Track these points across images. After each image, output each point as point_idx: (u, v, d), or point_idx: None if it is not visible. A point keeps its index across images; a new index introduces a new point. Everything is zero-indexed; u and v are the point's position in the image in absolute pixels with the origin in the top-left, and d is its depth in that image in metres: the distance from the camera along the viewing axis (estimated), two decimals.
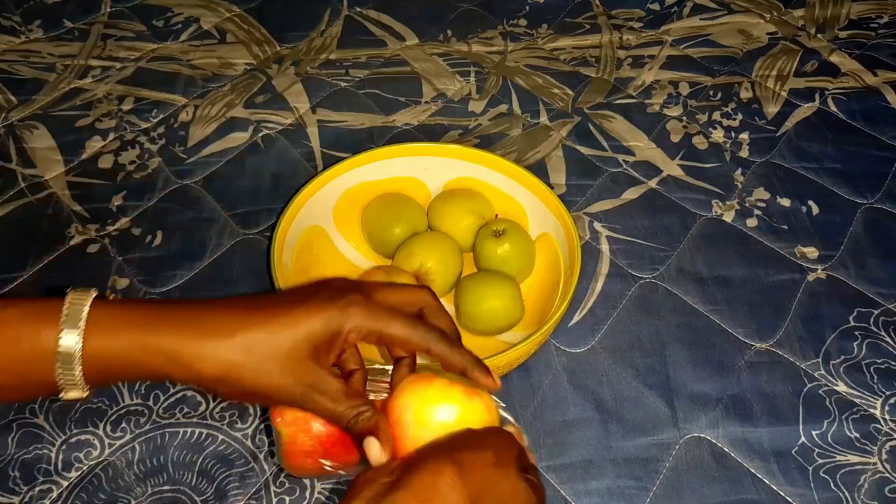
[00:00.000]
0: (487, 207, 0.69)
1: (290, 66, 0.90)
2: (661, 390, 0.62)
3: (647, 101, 0.87)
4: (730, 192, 0.77)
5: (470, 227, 0.67)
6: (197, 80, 0.87)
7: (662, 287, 0.69)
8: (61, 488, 0.55)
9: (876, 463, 0.58)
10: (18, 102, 0.83)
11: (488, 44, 0.95)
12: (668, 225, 0.74)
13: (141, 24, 0.95)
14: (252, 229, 0.72)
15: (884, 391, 0.62)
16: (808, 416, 0.60)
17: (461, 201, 0.69)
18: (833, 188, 0.78)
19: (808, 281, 0.70)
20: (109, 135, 0.80)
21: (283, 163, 0.78)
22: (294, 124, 0.83)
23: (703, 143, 0.83)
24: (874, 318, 0.67)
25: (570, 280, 0.60)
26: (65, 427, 0.58)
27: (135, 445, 0.57)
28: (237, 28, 0.95)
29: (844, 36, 0.97)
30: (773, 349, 0.65)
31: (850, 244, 0.73)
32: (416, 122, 0.84)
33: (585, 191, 0.77)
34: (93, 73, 0.88)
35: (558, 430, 0.59)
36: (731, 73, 0.91)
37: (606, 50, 0.94)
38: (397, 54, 0.93)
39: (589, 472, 0.57)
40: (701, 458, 0.58)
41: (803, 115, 0.86)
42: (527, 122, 0.84)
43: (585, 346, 0.65)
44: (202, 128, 0.82)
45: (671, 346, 0.65)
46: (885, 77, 0.91)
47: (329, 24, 0.97)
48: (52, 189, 0.75)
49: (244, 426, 0.59)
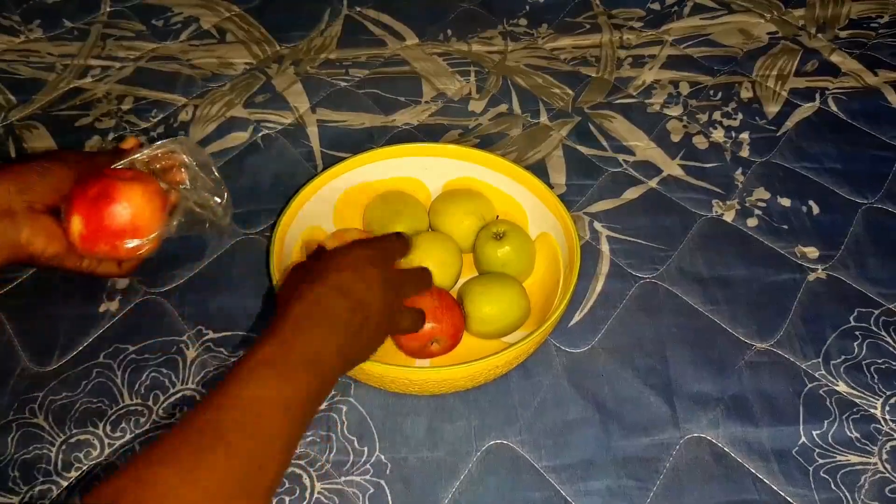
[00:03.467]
0: (489, 209, 0.69)
1: (289, 65, 0.90)
2: (662, 390, 0.62)
3: (647, 101, 0.87)
4: (730, 191, 0.77)
5: (471, 229, 0.67)
6: (196, 79, 0.87)
7: (663, 287, 0.69)
8: (61, 488, 0.55)
9: (876, 463, 0.58)
10: (18, 102, 0.83)
11: (488, 43, 0.95)
12: (668, 225, 0.74)
13: (140, 23, 0.95)
14: (252, 229, 0.72)
15: (884, 391, 0.62)
16: (809, 416, 0.60)
17: (463, 202, 0.69)
18: (833, 188, 0.78)
19: (809, 281, 0.70)
20: (109, 135, 0.80)
21: (282, 163, 0.78)
22: (294, 124, 0.83)
23: (704, 142, 0.83)
24: (874, 318, 0.67)
25: (569, 280, 0.60)
26: (64, 427, 0.58)
27: (135, 445, 0.57)
28: (237, 28, 0.95)
29: (845, 36, 0.97)
30: (774, 349, 0.65)
31: (851, 244, 0.73)
32: (416, 121, 0.84)
33: (585, 191, 0.77)
34: (92, 73, 0.88)
35: (558, 431, 0.59)
36: (731, 72, 0.91)
37: (606, 50, 0.94)
38: (397, 54, 0.93)
39: (589, 472, 0.57)
40: (701, 459, 0.58)
41: (804, 114, 0.86)
42: (527, 122, 0.84)
43: (585, 346, 0.65)
44: (202, 127, 0.81)
45: (671, 346, 0.65)
46: (885, 77, 0.91)
47: (329, 23, 0.97)
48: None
49: None
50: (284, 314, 0.46)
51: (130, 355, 0.62)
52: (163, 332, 0.64)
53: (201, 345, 0.63)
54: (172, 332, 0.64)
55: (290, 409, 0.42)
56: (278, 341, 0.44)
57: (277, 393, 0.41)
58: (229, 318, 0.65)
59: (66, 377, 0.60)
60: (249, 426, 0.39)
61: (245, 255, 0.70)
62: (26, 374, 0.61)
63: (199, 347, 0.63)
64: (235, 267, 0.69)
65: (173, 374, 0.61)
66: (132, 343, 0.63)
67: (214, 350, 0.63)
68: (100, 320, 0.64)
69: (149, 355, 0.62)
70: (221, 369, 0.62)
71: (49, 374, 0.61)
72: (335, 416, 0.59)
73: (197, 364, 0.62)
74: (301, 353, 0.44)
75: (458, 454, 0.58)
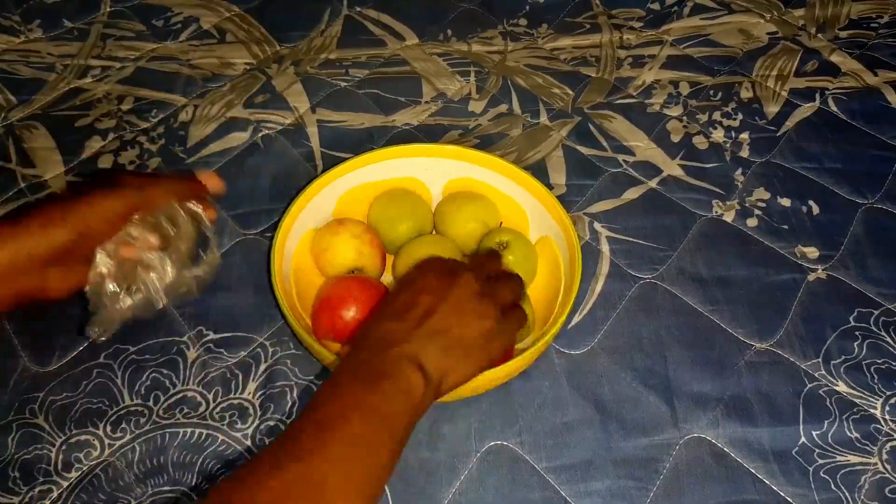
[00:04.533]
0: (493, 213, 0.69)
1: (289, 65, 0.90)
2: (661, 391, 0.62)
3: (647, 101, 0.87)
4: (730, 192, 0.77)
5: (475, 232, 0.67)
6: (197, 79, 0.87)
7: (662, 287, 0.69)
8: (61, 489, 0.55)
9: (876, 463, 0.58)
10: (18, 102, 0.83)
11: (488, 43, 0.95)
12: (668, 225, 0.74)
13: (140, 23, 0.95)
14: (252, 230, 0.72)
15: (884, 391, 0.62)
16: (809, 416, 0.60)
17: (468, 205, 0.68)
18: (833, 188, 0.78)
19: (809, 281, 0.70)
20: (109, 135, 0.80)
21: (282, 163, 0.78)
22: (294, 124, 0.83)
23: (704, 142, 0.83)
24: (874, 318, 0.67)
25: (570, 287, 0.60)
26: (65, 427, 0.58)
27: (135, 446, 0.57)
28: (237, 28, 0.95)
29: (845, 36, 0.97)
30: (774, 349, 0.65)
31: (851, 244, 0.73)
32: (416, 122, 0.84)
33: (585, 191, 0.77)
34: (92, 73, 0.87)
35: (558, 432, 0.59)
36: (731, 72, 0.91)
37: (606, 50, 0.94)
38: (397, 54, 0.93)
39: (589, 472, 0.57)
40: (701, 459, 0.58)
41: (804, 114, 0.86)
42: (527, 122, 0.84)
43: (585, 346, 0.65)
44: (202, 128, 0.81)
45: (671, 346, 0.65)
46: (885, 77, 0.91)
47: (329, 23, 0.97)
48: (52, 189, 0.75)
49: (244, 427, 0.59)
50: (363, 334, 0.49)
51: (131, 355, 0.62)
52: (163, 332, 0.64)
53: (202, 345, 0.63)
54: (173, 333, 0.64)
55: (376, 416, 0.43)
56: (358, 360, 0.46)
57: (364, 401, 0.43)
58: (230, 318, 0.65)
59: (66, 377, 0.60)
60: (346, 434, 0.41)
61: (245, 256, 0.70)
62: (26, 374, 0.61)
63: (200, 348, 0.63)
64: (236, 267, 0.69)
65: (174, 374, 0.61)
66: (132, 343, 0.63)
67: (215, 351, 0.63)
68: None
69: (149, 356, 0.62)
70: (222, 370, 0.62)
71: (49, 374, 0.61)
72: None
73: (197, 364, 0.62)
74: (379, 367, 0.45)
75: (458, 455, 0.58)
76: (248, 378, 0.61)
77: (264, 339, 0.64)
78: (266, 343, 0.64)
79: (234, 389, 0.61)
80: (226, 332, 0.64)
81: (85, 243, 0.52)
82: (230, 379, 0.61)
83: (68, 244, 0.50)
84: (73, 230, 0.50)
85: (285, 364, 0.62)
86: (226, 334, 0.64)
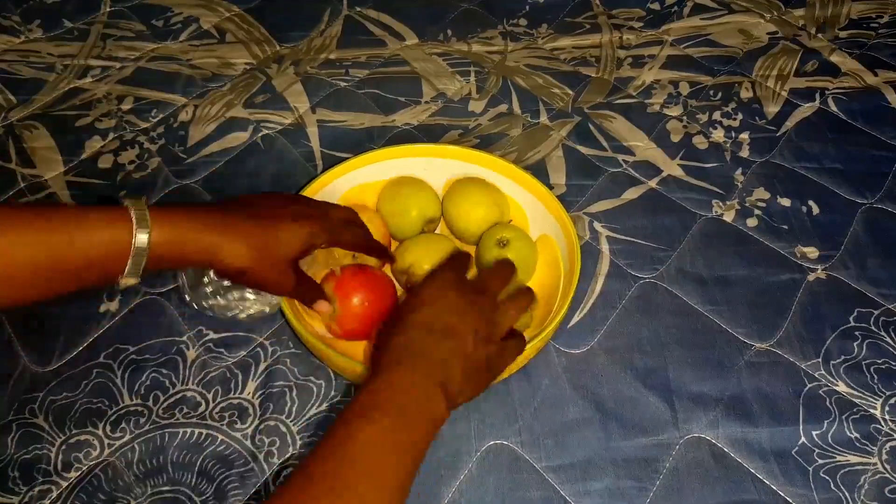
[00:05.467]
0: (503, 201, 0.69)
1: (289, 65, 0.90)
2: (661, 391, 0.62)
3: (647, 101, 0.87)
4: (730, 192, 0.77)
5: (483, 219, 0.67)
6: (196, 79, 0.87)
7: (662, 287, 0.69)
8: (61, 488, 0.55)
9: (876, 463, 0.58)
10: (18, 102, 0.83)
11: (488, 44, 0.95)
12: (668, 225, 0.74)
13: (140, 23, 0.95)
14: None
15: (884, 391, 0.62)
16: (809, 416, 0.60)
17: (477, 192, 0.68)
18: (833, 188, 0.78)
19: (808, 281, 0.70)
20: (109, 135, 0.80)
21: (282, 163, 0.78)
22: (294, 124, 0.83)
23: (704, 142, 0.83)
24: (874, 318, 0.67)
25: (569, 284, 0.60)
26: (64, 427, 0.58)
27: (134, 446, 0.57)
28: (237, 28, 0.95)
29: (845, 36, 0.97)
30: (773, 349, 0.65)
31: (850, 244, 0.73)
32: (416, 121, 0.84)
33: (585, 191, 0.77)
34: (92, 73, 0.88)
35: (558, 431, 0.59)
36: (731, 72, 0.91)
37: (606, 50, 0.94)
38: (397, 54, 0.93)
39: (589, 472, 0.57)
40: (701, 459, 0.58)
41: (803, 114, 0.86)
42: (527, 122, 0.84)
43: (585, 346, 0.65)
44: (202, 127, 0.82)
45: (671, 346, 0.65)
46: (885, 77, 0.91)
47: (329, 23, 0.97)
48: (52, 189, 0.75)
49: (244, 426, 0.59)
50: (378, 362, 0.48)
51: (130, 355, 0.62)
52: (163, 332, 0.64)
53: (201, 345, 0.63)
54: (172, 333, 0.64)
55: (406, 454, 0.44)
56: (374, 390, 0.45)
57: (378, 436, 0.43)
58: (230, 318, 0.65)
59: (66, 377, 0.60)
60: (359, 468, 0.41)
61: None
62: (26, 374, 0.61)
63: (200, 348, 0.63)
64: None
65: (173, 374, 0.61)
66: (132, 343, 0.63)
67: (214, 351, 0.63)
68: (100, 320, 0.64)
69: (149, 356, 0.62)
70: (221, 369, 0.62)
71: (49, 375, 0.61)
72: (335, 417, 0.59)
73: (197, 364, 0.62)
74: (393, 398, 0.45)
75: (458, 454, 0.58)
76: (247, 378, 0.61)
77: (264, 338, 0.64)
78: (265, 343, 0.64)
79: (233, 389, 0.61)
80: (225, 332, 0.64)
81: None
82: (230, 379, 0.61)
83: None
84: (254, 260, 0.49)
85: (285, 363, 0.62)
86: (225, 334, 0.64)
